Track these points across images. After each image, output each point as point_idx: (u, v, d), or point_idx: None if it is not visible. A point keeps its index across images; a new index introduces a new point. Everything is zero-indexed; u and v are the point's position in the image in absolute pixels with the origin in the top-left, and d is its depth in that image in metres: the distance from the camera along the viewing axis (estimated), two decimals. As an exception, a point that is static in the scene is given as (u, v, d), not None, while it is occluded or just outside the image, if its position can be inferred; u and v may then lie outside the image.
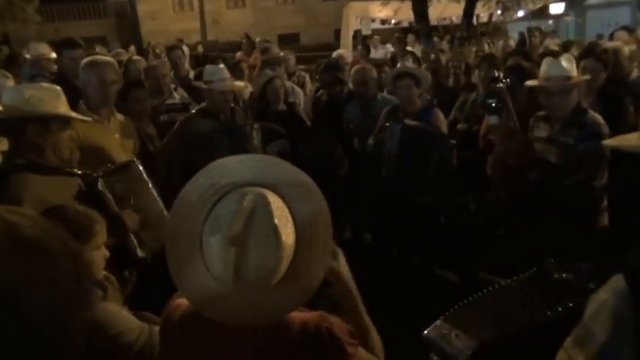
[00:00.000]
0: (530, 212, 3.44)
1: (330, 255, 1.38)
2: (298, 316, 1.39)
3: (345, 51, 7.55)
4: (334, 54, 6.62)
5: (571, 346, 1.17)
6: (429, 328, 2.08)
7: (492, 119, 3.68)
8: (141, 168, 2.81)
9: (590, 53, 4.12)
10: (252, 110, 4.48)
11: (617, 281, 1.12)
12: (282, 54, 6.86)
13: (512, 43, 8.62)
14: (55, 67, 5.11)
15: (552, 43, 8.21)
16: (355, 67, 5.03)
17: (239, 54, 9.43)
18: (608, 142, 1.35)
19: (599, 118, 3.21)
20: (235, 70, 5.53)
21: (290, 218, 1.30)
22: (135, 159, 2.88)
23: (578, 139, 3.17)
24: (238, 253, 1.21)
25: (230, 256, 1.20)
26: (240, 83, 4.46)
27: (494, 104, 3.65)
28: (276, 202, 1.28)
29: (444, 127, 4.22)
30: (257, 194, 1.27)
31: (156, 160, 3.69)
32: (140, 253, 2.55)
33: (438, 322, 2.09)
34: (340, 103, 5.03)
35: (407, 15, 13.63)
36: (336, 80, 5.17)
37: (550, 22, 19.99)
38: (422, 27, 11.58)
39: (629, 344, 1.07)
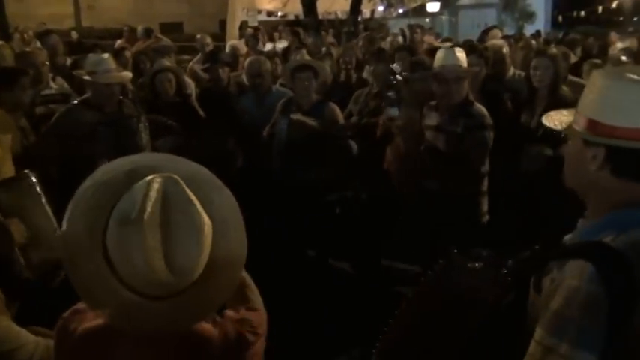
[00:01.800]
0: (421, 199, 3.62)
1: (245, 246, 1.30)
2: (213, 323, 1.31)
3: (239, 42, 7.38)
4: (228, 45, 6.46)
5: (547, 337, 1.14)
6: None
7: (393, 111, 3.84)
8: (34, 180, 2.54)
9: (474, 50, 4.39)
10: (141, 100, 4.24)
11: (583, 267, 1.13)
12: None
13: (400, 39, 8.96)
14: None
15: (431, 40, 8.68)
16: (249, 59, 4.94)
17: (120, 42, 8.86)
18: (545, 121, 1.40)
19: (484, 109, 3.44)
20: (119, 59, 5.22)
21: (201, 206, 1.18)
22: (28, 171, 2.60)
23: (465, 128, 3.37)
24: (164, 240, 1.09)
25: (155, 246, 1.08)
26: (127, 73, 4.19)
27: (394, 97, 3.82)
28: (184, 186, 1.16)
29: (339, 120, 4.23)
30: (164, 177, 1.14)
31: (31, 156, 3.37)
32: (26, 273, 2.30)
33: None
34: (230, 94, 4.92)
35: (294, 8, 13.68)
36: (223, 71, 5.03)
37: (427, 19, 21.12)
38: (310, 21, 11.66)
39: (605, 327, 1.09)
